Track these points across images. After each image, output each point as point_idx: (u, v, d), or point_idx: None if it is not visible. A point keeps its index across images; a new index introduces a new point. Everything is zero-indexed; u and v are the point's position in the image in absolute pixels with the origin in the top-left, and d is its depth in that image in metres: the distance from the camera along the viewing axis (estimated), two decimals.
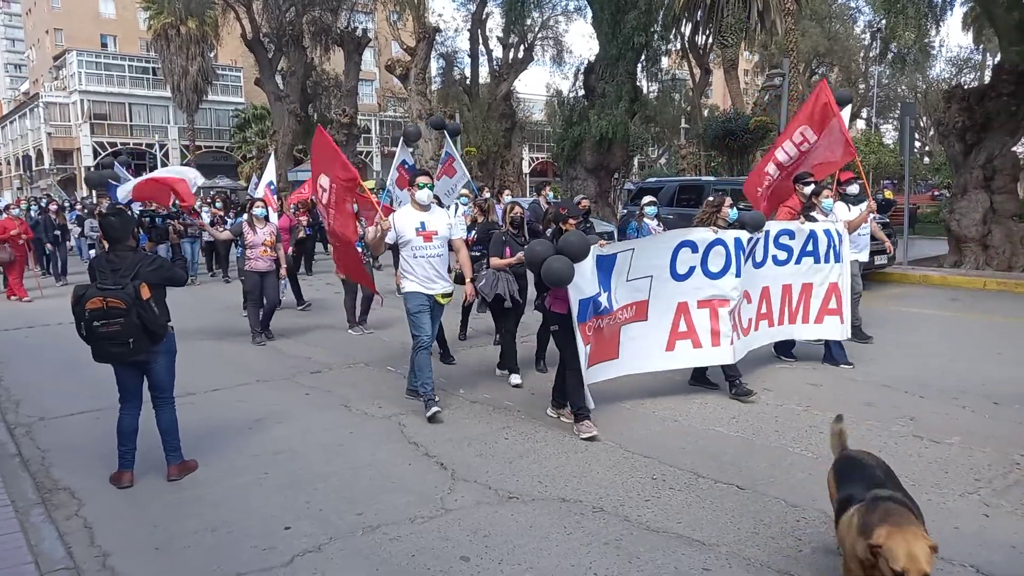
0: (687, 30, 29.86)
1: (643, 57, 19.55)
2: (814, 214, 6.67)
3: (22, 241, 12.09)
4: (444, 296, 5.60)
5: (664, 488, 4.15)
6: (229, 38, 33.90)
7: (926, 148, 43.35)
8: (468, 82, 29.57)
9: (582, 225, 5.44)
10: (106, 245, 4.38)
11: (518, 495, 4.09)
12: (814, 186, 6.88)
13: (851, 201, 7.35)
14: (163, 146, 45.70)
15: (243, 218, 9.64)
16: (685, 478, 4.28)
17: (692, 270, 5.68)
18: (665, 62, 28.55)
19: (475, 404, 5.82)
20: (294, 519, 3.84)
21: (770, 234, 6.19)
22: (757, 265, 6.15)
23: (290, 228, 10.99)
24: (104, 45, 47.67)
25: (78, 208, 17.83)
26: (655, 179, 19.42)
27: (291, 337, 8.64)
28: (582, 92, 21.22)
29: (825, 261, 6.53)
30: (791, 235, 6.34)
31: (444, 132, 10.03)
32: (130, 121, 45.17)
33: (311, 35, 28.65)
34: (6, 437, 5.17)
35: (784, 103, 20.23)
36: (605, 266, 5.20)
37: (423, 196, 5.48)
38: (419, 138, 11.27)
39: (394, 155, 8.37)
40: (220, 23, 32.87)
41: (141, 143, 45.63)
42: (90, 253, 14.51)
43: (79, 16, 46.54)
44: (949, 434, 4.89)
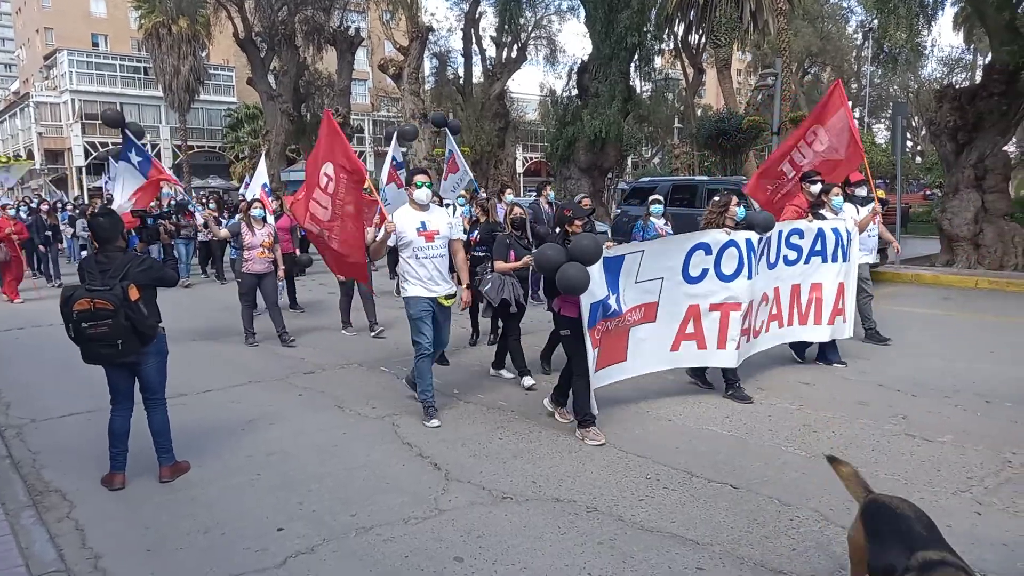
0: (680, 30, 29.92)
1: (636, 57, 19.60)
2: (823, 212, 6.60)
3: (18, 241, 11.98)
4: (447, 298, 5.43)
5: (658, 488, 4.15)
6: (221, 37, 33.74)
7: (918, 147, 43.61)
8: (461, 82, 29.55)
9: (587, 226, 5.34)
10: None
11: (512, 495, 4.08)
12: (821, 184, 6.82)
13: (859, 202, 7.28)
14: (155, 146, 45.47)
15: (238, 218, 9.59)
16: (679, 477, 4.28)
17: (705, 272, 5.58)
18: (658, 62, 28.54)
19: (469, 404, 5.82)
20: (287, 520, 3.83)
21: (782, 234, 6.11)
22: (771, 266, 6.08)
23: (291, 228, 10.89)
24: (95, 44, 47.42)
25: (69, 208, 17.72)
26: (648, 179, 19.43)
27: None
28: (576, 92, 21.26)
29: (833, 260, 6.45)
30: (800, 234, 6.27)
31: (445, 129, 9.95)
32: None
33: (304, 34, 28.58)
34: None
35: (777, 103, 20.29)
36: (613, 267, 5.10)
37: (422, 195, 5.30)
38: (415, 137, 11.20)
39: (386, 154, 8.29)
40: (212, 22, 32.74)
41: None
42: (81, 254, 14.43)
43: (70, 15, 46.29)
44: (942, 432, 4.91)
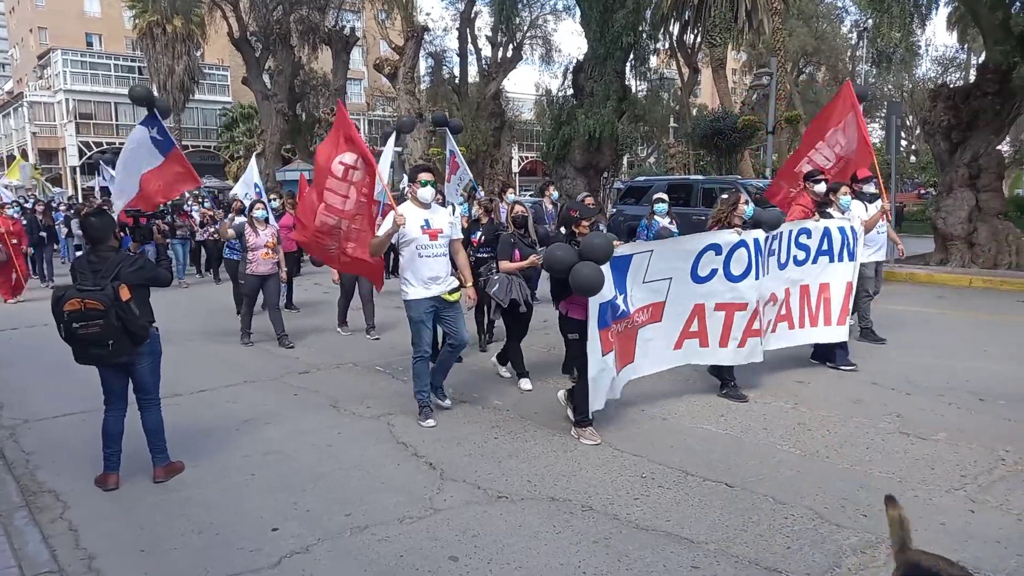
0: (675, 29, 29.96)
1: (632, 56, 19.58)
2: (830, 211, 6.55)
3: (15, 241, 11.87)
4: (451, 294, 5.31)
5: (653, 486, 4.16)
6: (216, 37, 33.69)
7: (912, 147, 43.70)
8: (457, 81, 29.54)
9: (594, 226, 5.21)
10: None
11: (507, 494, 4.08)
12: (825, 183, 6.79)
13: (867, 199, 7.22)
14: None
15: (241, 219, 9.54)
16: (674, 476, 4.29)
17: (714, 272, 5.51)
18: (654, 61, 28.60)
19: (464, 403, 5.81)
20: (282, 520, 3.82)
21: (791, 234, 6.06)
22: (781, 267, 6.02)
23: (294, 227, 10.82)
24: (89, 44, 47.28)
25: (62, 208, 17.65)
26: (644, 178, 19.48)
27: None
28: (571, 91, 21.24)
29: (839, 260, 6.41)
30: (808, 234, 6.22)
31: (445, 130, 9.90)
32: (116, 120, 44.80)
33: (298, 34, 28.50)
34: None
35: (772, 102, 20.34)
36: (620, 267, 5.00)
37: (427, 194, 5.24)
38: (413, 128, 11.16)
39: (381, 153, 8.22)
40: (207, 21, 32.66)
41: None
42: (76, 254, 14.37)
43: (63, 14, 46.12)
44: (935, 431, 4.92)
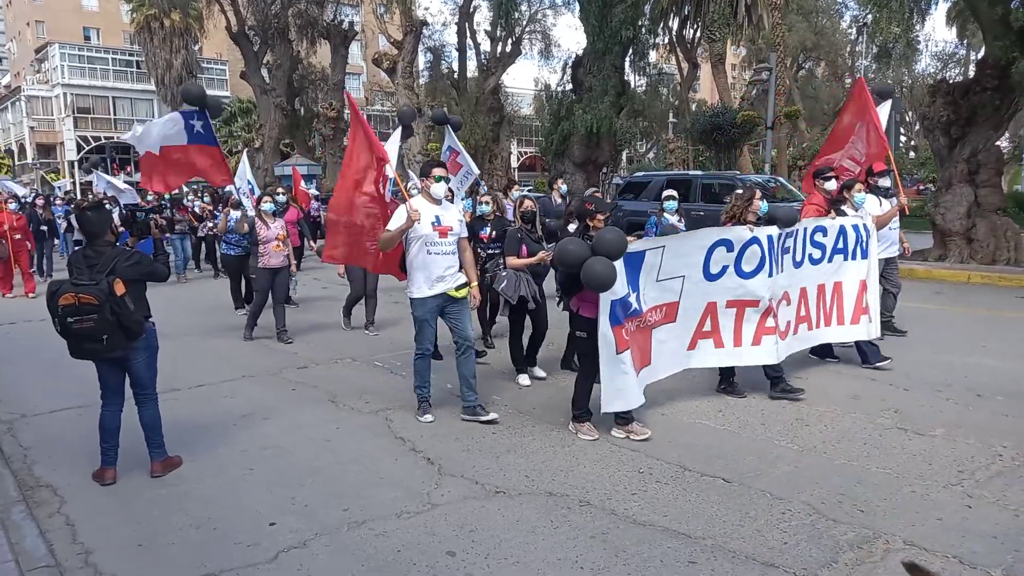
0: (675, 24, 29.84)
1: (631, 51, 19.55)
2: (844, 208, 6.48)
3: (18, 237, 11.76)
4: (457, 290, 5.18)
5: (651, 481, 4.16)
6: (214, 31, 33.59)
7: (911, 142, 43.71)
8: (456, 76, 29.48)
9: (609, 221, 5.07)
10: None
11: (505, 490, 4.09)
12: (835, 180, 6.74)
13: (882, 194, 7.16)
14: None
15: (233, 213, 9.54)
16: (671, 471, 4.29)
17: (725, 269, 5.38)
18: (653, 56, 28.56)
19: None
20: (280, 515, 3.82)
21: (807, 232, 5.96)
22: (796, 265, 5.90)
23: (297, 222, 10.78)
24: (87, 38, 47.18)
25: (59, 202, 17.58)
26: (643, 173, 19.41)
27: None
28: (570, 86, 21.20)
29: (854, 258, 6.35)
30: (824, 232, 6.12)
31: (447, 127, 9.75)
32: (114, 115, 44.76)
33: (297, 28, 28.42)
34: None
35: (771, 97, 20.31)
36: (633, 263, 4.84)
37: (440, 190, 5.14)
38: (415, 118, 11.06)
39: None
40: (204, 16, 32.56)
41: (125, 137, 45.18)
42: (75, 249, 14.30)
43: (61, 8, 46.00)
44: (933, 426, 4.93)
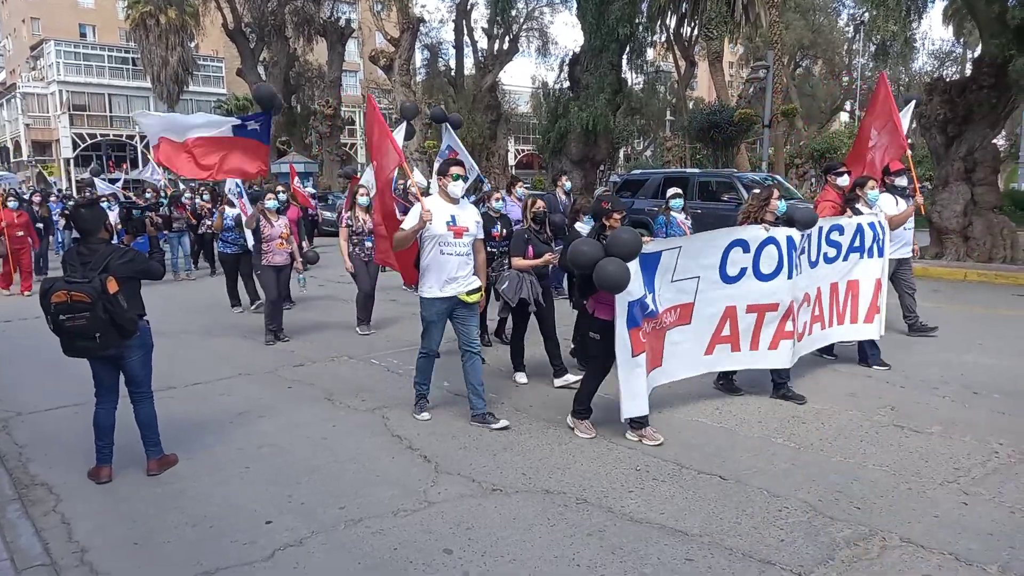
0: (672, 22, 29.82)
1: (628, 49, 19.53)
2: (859, 206, 6.43)
3: (20, 234, 11.64)
4: (469, 294, 5.08)
5: (647, 479, 4.16)
6: (211, 28, 33.51)
7: (908, 140, 43.70)
8: (453, 73, 29.47)
9: (625, 219, 5.01)
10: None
11: (502, 487, 4.08)
12: (848, 176, 6.70)
13: (899, 193, 7.13)
14: (143, 137, 45.15)
15: (228, 211, 9.51)
16: (668, 469, 4.29)
17: (743, 272, 5.28)
18: (650, 54, 28.54)
19: (459, 397, 5.79)
20: (276, 513, 3.81)
21: (822, 230, 5.86)
22: (812, 265, 5.80)
23: (297, 221, 10.73)
24: (83, 35, 47.01)
25: (52, 200, 17.56)
26: (640, 171, 19.41)
27: None
28: (567, 84, 21.18)
29: (871, 256, 6.28)
30: (840, 230, 6.04)
31: (445, 125, 9.71)
32: (110, 112, 44.65)
33: (294, 25, 28.39)
34: None
35: (768, 95, 20.30)
36: (649, 264, 4.77)
37: (457, 189, 5.00)
38: (417, 114, 11.00)
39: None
40: (201, 12, 32.48)
41: (121, 135, 45.18)
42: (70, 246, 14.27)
43: (56, 5, 45.83)
44: (930, 424, 4.94)
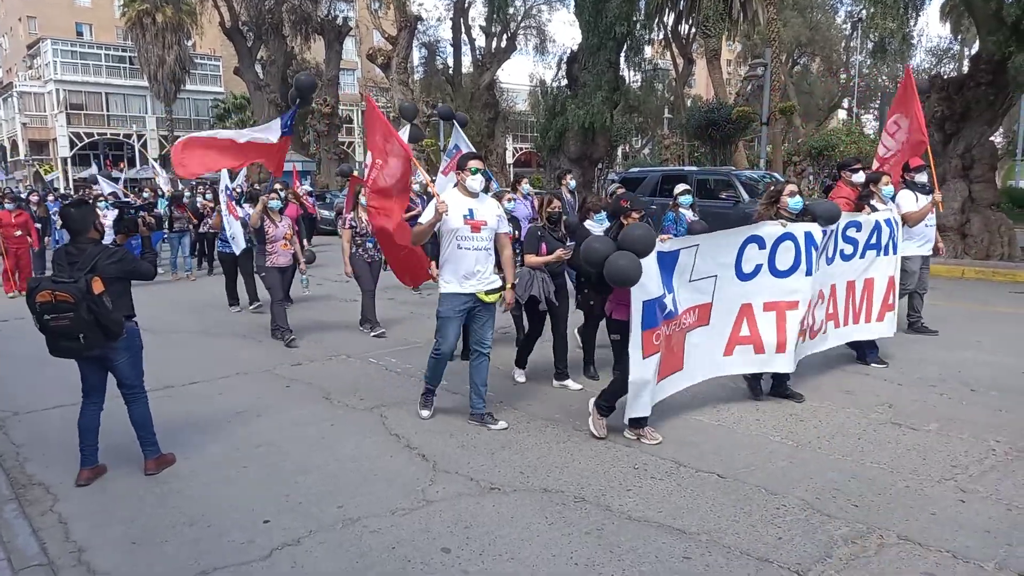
0: (669, 19, 29.78)
1: (625, 46, 19.52)
2: (874, 202, 6.30)
3: (19, 234, 11.50)
4: (489, 293, 4.97)
5: (645, 477, 4.16)
6: (208, 26, 33.43)
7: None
8: (451, 72, 29.44)
9: (644, 218, 4.92)
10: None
11: (500, 486, 4.08)
12: (862, 172, 6.64)
13: (919, 189, 7.06)
14: (141, 136, 45.11)
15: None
16: (666, 467, 4.29)
17: (759, 268, 5.18)
18: (648, 52, 28.53)
19: (456, 395, 5.79)
20: (274, 512, 3.81)
21: (840, 227, 5.71)
22: (828, 262, 5.71)
23: (296, 219, 10.71)
24: (80, 33, 46.89)
25: (50, 199, 17.52)
26: (638, 169, 19.44)
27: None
28: (565, 82, 21.18)
29: (885, 253, 6.15)
30: (858, 227, 5.93)
31: (453, 122, 9.68)
32: (107, 111, 44.55)
33: (291, 23, 28.34)
34: None
35: (766, 93, 20.28)
36: (667, 264, 4.67)
37: (476, 183, 4.87)
38: (416, 114, 11.00)
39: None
40: (198, 11, 32.41)
41: (119, 133, 45.08)
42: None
43: (53, 3, 45.70)
44: (927, 421, 4.94)
